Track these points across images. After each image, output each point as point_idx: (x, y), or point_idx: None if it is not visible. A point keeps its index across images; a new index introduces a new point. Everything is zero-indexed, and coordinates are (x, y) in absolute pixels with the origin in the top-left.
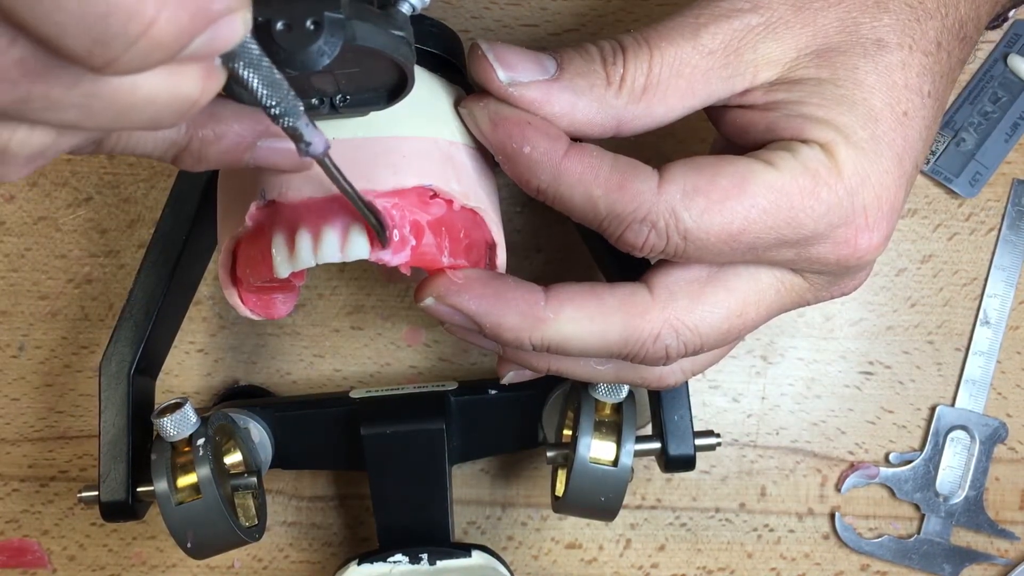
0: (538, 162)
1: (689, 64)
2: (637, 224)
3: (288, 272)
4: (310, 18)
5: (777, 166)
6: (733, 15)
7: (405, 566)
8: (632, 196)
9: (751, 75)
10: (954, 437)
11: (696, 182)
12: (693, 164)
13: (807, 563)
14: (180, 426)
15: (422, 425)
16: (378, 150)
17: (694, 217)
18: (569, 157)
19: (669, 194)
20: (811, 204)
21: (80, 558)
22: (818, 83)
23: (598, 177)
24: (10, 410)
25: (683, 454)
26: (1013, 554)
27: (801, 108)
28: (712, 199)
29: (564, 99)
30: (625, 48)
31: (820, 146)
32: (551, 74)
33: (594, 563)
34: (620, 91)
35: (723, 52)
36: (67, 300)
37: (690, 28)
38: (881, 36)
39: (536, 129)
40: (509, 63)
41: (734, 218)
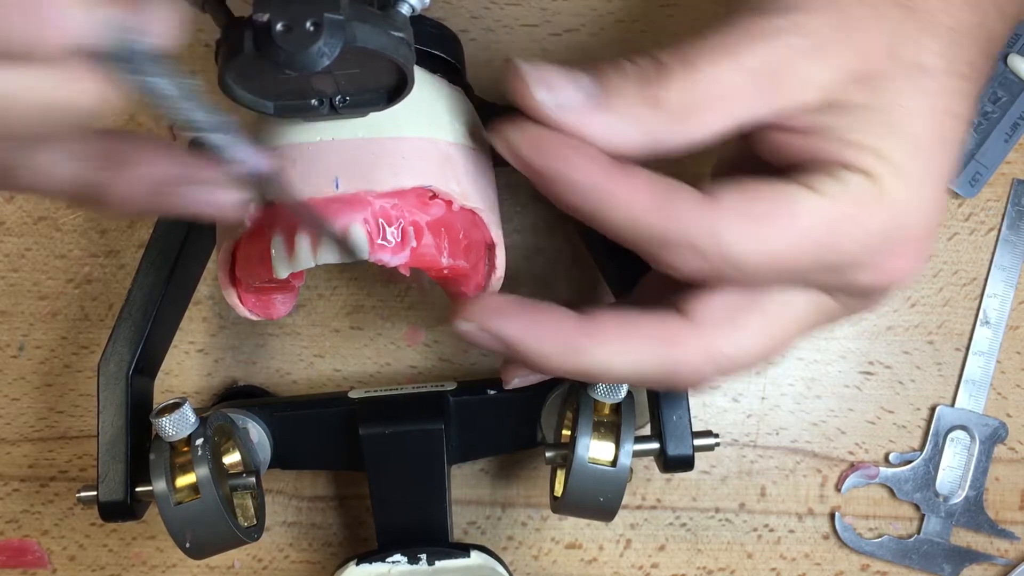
0: (583, 186)
1: (730, 84)
2: (682, 247)
3: (287, 273)
4: (310, 19)
5: (822, 192)
6: (775, 34)
7: (404, 566)
8: (678, 219)
9: (793, 97)
10: (954, 437)
11: (743, 206)
12: (739, 186)
13: (807, 563)
14: (179, 426)
15: (421, 425)
16: (377, 151)
17: (740, 241)
18: (614, 180)
19: (716, 217)
20: (854, 231)
21: (80, 558)
22: (863, 109)
23: (644, 200)
24: (10, 410)
25: (682, 454)
26: (1013, 554)
27: (845, 134)
28: (759, 223)
29: (604, 121)
30: (664, 66)
31: (864, 174)
32: (590, 95)
33: (594, 563)
34: (659, 112)
35: (765, 72)
36: (67, 300)
37: (730, 46)
38: (923, 60)
39: (580, 152)
40: (549, 83)
41: (779, 242)
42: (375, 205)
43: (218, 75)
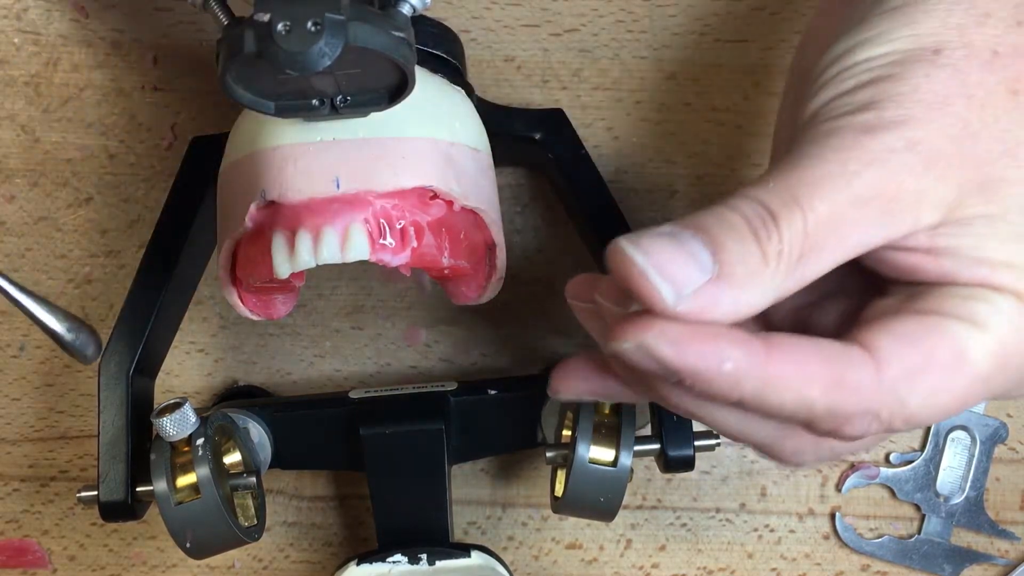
0: (741, 375)
1: (844, 219)
2: (860, 417)
3: (288, 273)
4: (311, 19)
5: (985, 326)
6: (887, 157)
7: (404, 566)
8: (853, 391)
9: (912, 220)
10: (954, 437)
11: (916, 360)
12: (903, 336)
13: (808, 563)
14: (179, 426)
15: (421, 425)
16: (378, 151)
17: (920, 401)
18: (773, 361)
19: (891, 380)
20: (1018, 363)
21: (80, 558)
22: (989, 221)
23: (811, 377)
24: (10, 410)
25: (682, 455)
26: (1013, 554)
27: (977, 252)
28: (936, 378)
29: (729, 298)
30: (776, 216)
31: (1012, 293)
32: (711, 271)
33: (594, 563)
34: (779, 267)
35: (879, 200)
36: (67, 300)
37: (841, 178)
38: None
39: (728, 340)
40: (669, 273)
41: (958, 394)
42: (376, 205)
43: (219, 75)
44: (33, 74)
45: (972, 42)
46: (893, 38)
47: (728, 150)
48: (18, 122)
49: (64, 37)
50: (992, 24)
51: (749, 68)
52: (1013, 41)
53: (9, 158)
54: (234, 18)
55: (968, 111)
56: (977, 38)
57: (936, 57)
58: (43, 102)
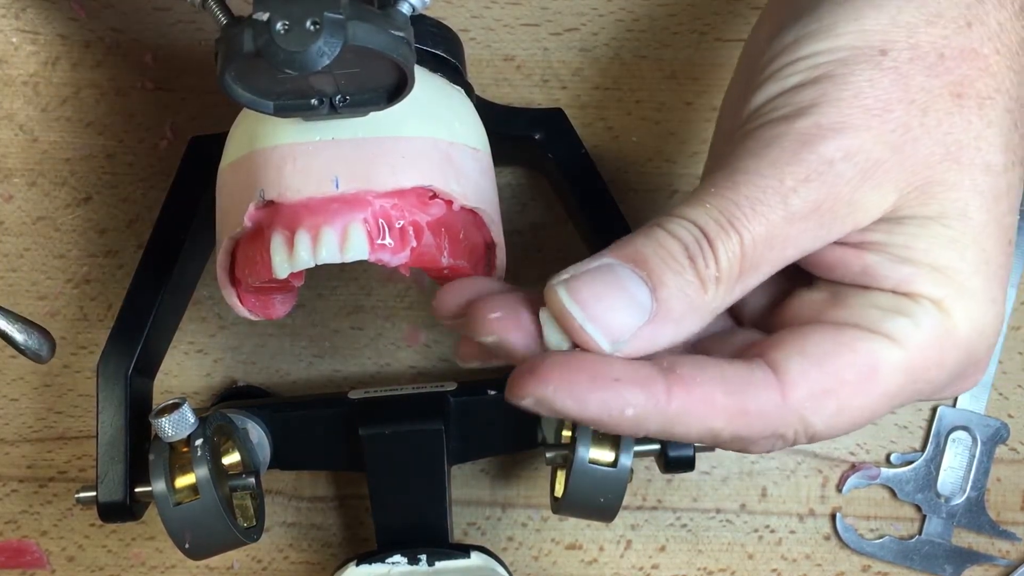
0: (643, 418)
1: (781, 236)
2: (764, 440)
3: (287, 273)
4: (310, 19)
5: (901, 342)
6: (824, 171)
7: (404, 567)
8: (757, 417)
9: (849, 226)
10: (955, 438)
11: (822, 382)
12: (811, 357)
13: (808, 564)
14: (178, 426)
15: (421, 426)
16: (377, 150)
17: (825, 420)
18: (674, 397)
19: (796, 402)
20: (936, 374)
21: (79, 559)
22: (923, 223)
23: (714, 407)
24: (9, 410)
25: (683, 455)
26: (1015, 555)
27: (906, 252)
28: (843, 398)
29: (668, 333)
30: (711, 239)
31: (933, 303)
32: (649, 311)
33: (594, 564)
34: (717, 292)
35: (816, 214)
36: (66, 300)
37: (777, 195)
38: (988, 160)
39: (629, 385)
40: (606, 323)
41: (865, 411)
42: (375, 205)
43: (217, 74)
44: (31, 73)
45: (919, 43)
46: (840, 32)
47: None
48: (16, 121)
49: (63, 36)
50: (942, 25)
51: None
52: (960, 44)
53: (7, 157)
54: (233, 17)
55: (909, 116)
56: (925, 39)
57: (881, 59)
58: (41, 101)
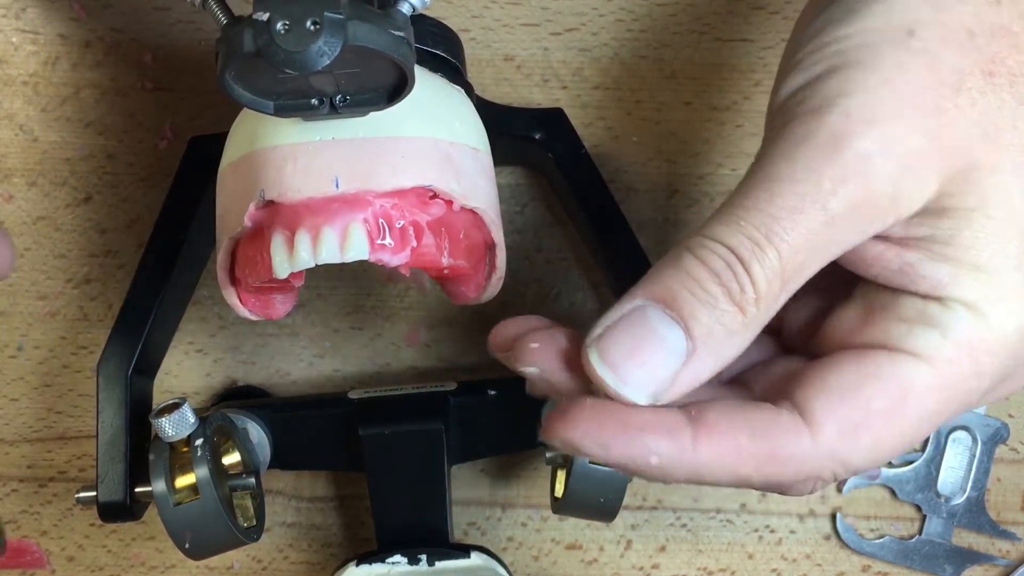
0: (669, 466)
1: (821, 238)
2: (801, 484)
3: (287, 273)
4: (310, 18)
5: (930, 359)
6: (861, 166)
7: (404, 567)
8: (787, 462)
9: (891, 217)
10: (955, 438)
11: (851, 417)
12: (834, 395)
13: (808, 564)
14: (178, 426)
15: (421, 426)
16: (378, 150)
17: (863, 455)
18: (700, 446)
19: (827, 443)
20: (977, 383)
21: (79, 559)
22: (967, 215)
23: (741, 455)
24: (9, 410)
25: None
26: (1015, 555)
27: (947, 250)
28: (876, 430)
29: (709, 366)
30: (745, 261)
31: (967, 307)
32: (684, 352)
33: (594, 564)
34: (758, 311)
35: (856, 212)
36: (66, 300)
37: (814, 202)
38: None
39: (654, 432)
40: (639, 382)
41: (906, 435)
42: (375, 205)
43: (217, 74)
44: (31, 73)
45: (947, 21)
46: (864, 14)
47: (728, 150)
48: (16, 121)
49: (63, 36)
50: (971, 2)
51: (749, 68)
52: (990, 20)
53: (7, 157)
54: (233, 17)
55: (942, 98)
56: (952, 17)
57: (909, 40)
58: (41, 101)
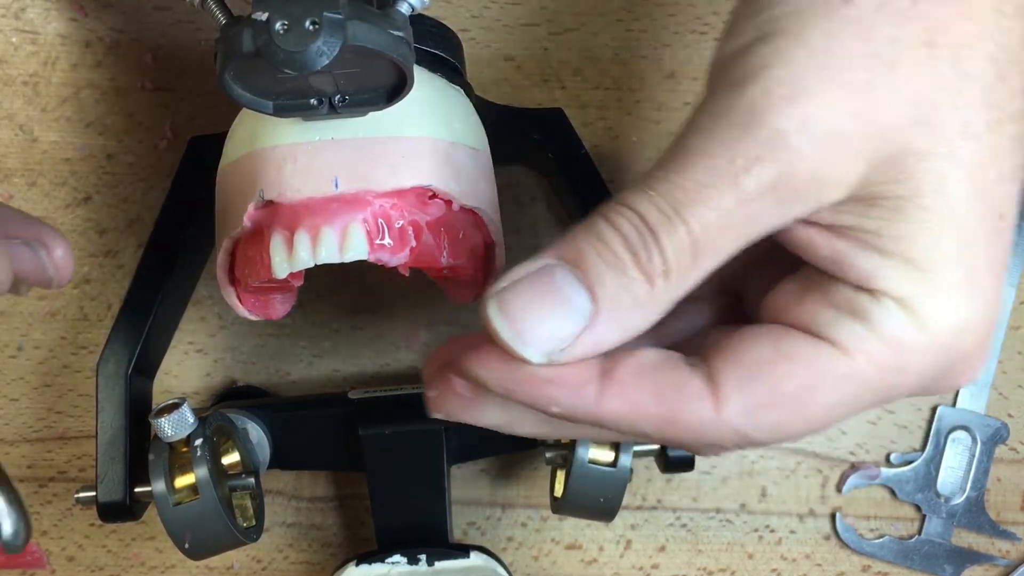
0: (572, 416)
1: (734, 216)
2: (701, 447)
3: (286, 273)
4: (309, 18)
5: (850, 351)
6: (777, 145)
7: (403, 567)
8: (688, 427)
9: (812, 202)
10: (955, 438)
11: (758, 396)
12: (747, 370)
13: (808, 564)
14: (178, 426)
15: (421, 426)
16: (377, 150)
17: (766, 433)
18: (603, 402)
19: (730, 418)
20: (898, 379)
21: (79, 559)
22: (897, 204)
23: (642, 416)
24: (9, 410)
25: (682, 455)
26: (1015, 555)
27: (876, 240)
28: (782, 412)
29: (614, 333)
30: (655, 231)
31: (898, 303)
32: (588, 315)
33: (594, 564)
34: (667, 282)
35: (773, 191)
36: (66, 300)
37: (727, 177)
38: (966, 119)
39: (558, 386)
40: (537, 337)
41: (812, 421)
42: (375, 205)
43: (217, 74)
44: (31, 73)
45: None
46: None
47: None
48: (16, 121)
49: (62, 36)
50: None
51: None
52: None
53: (7, 157)
54: (232, 17)
55: (873, 74)
56: None
57: (844, 7)
58: (41, 101)
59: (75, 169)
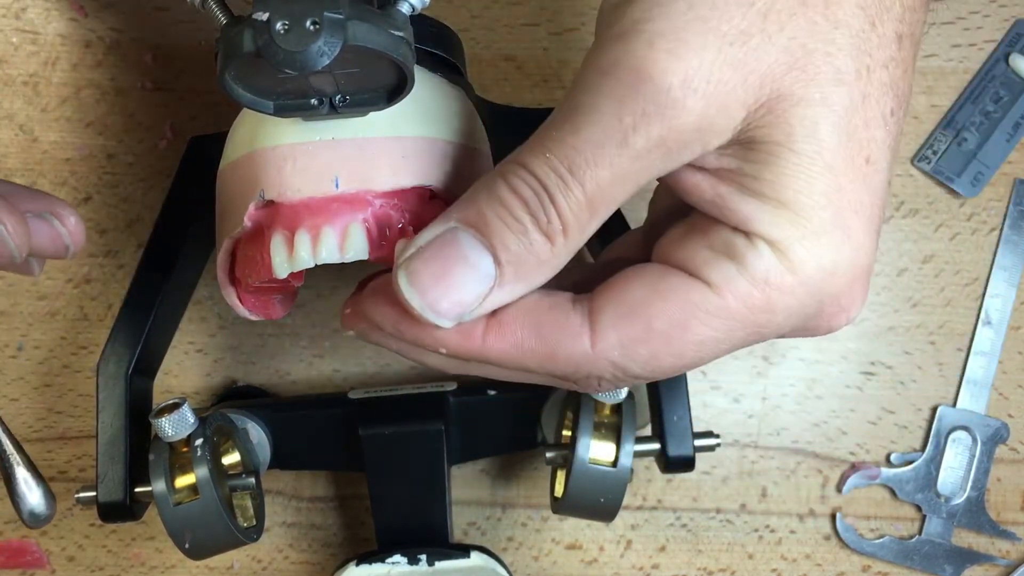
0: (458, 355)
1: (626, 171)
2: (583, 380)
3: (287, 273)
4: (310, 18)
5: (719, 289)
6: (662, 100)
7: (404, 567)
8: (566, 363)
9: (698, 148)
10: (955, 438)
11: (631, 332)
12: (623, 307)
13: (808, 564)
14: (178, 426)
15: (421, 426)
16: (377, 150)
17: (640, 366)
18: (488, 342)
19: (605, 351)
20: (767, 318)
21: (79, 559)
22: (772, 149)
23: (524, 352)
24: (9, 410)
25: (682, 455)
26: (1015, 555)
27: (754, 183)
28: (654, 346)
29: (518, 290)
30: (552, 194)
31: (770, 245)
32: (493, 276)
33: (594, 564)
34: (566, 240)
35: (662, 145)
36: (66, 300)
37: (617, 135)
38: (838, 66)
39: (445, 330)
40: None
41: (684, 356)
42: (375, 205)
43: (217, 74)
44: (31, 73)
45: None
46: None
47: None
48: (16, 121)
49: (63, 36)
50: None
51: None
52: None
53: (7, 157)
54: (233, 17)
55: (748, 23)
56: None
57: None
58: (41, 101)
59: (75, 169)
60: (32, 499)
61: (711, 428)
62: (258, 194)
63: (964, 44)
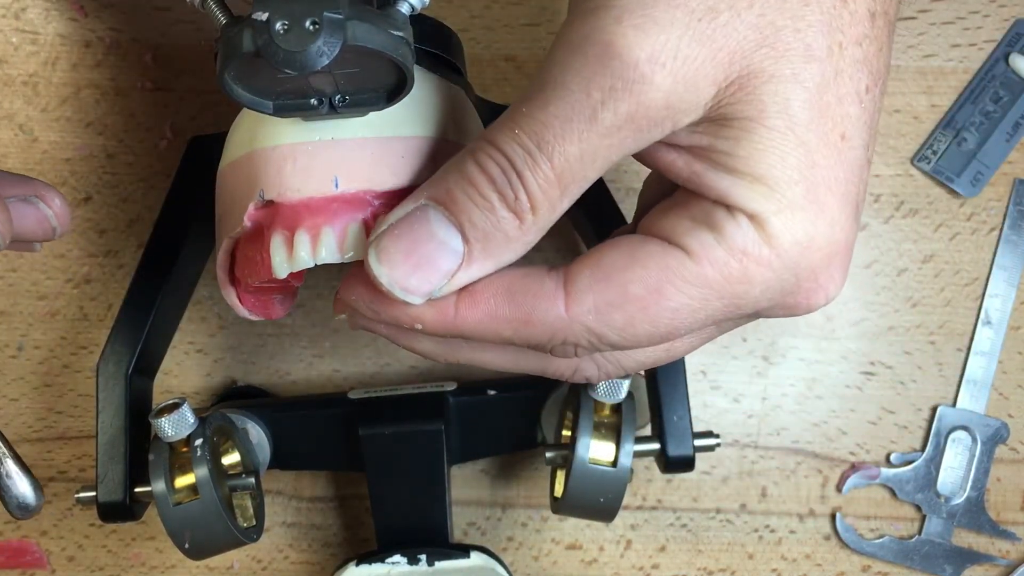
0: (435, 331)
1: (595, 147)
2: (559, 347)
3: (287, 273)
4: (309, 18)
5: (697, 256)
6: (631, 76)
7: (404, 567)
8: (542, 328)
9: (668, 126)
10: (955, 438)
11: (607, 296)
12: (599, 272)
13: (808, 564)
14: (178, 426)
15: (421, 426)
16: (377, 150)
17: (616, 332)
18: (460, 313)
19: (580, 315)
20: (744, 289)
21: (79, 559)
22: (745, 124)
23: (499, 320)
24: (9, 410)
25: (682, 455)
26: (1014, 555)
27: (728, 160)
28: (629, 312)
29: (488, 267)
30: (520, 171)
31: (749, 218)
32: (462, 253)
33: (594, 564)
34: (535, 217)
35: (631, 121)
36: (66, 300)
37: (586, 110)
38: (808, 42)
39: (419, 307)
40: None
41: (659, 323)
42: (375, 205)
43: (217, 74)
44: (31, 73)
45: None
46: None
47: None
48: (16, 121)
49: (62, 36)
50: None
51: None
52: None
53: (7, 157)
54: (232, 17)
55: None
56: None
57: None
58: (41, 101)
59: (75, 169)
60: (20, 490)
61: (711, 428)
62: (258, 194)
63: (964, 44)
